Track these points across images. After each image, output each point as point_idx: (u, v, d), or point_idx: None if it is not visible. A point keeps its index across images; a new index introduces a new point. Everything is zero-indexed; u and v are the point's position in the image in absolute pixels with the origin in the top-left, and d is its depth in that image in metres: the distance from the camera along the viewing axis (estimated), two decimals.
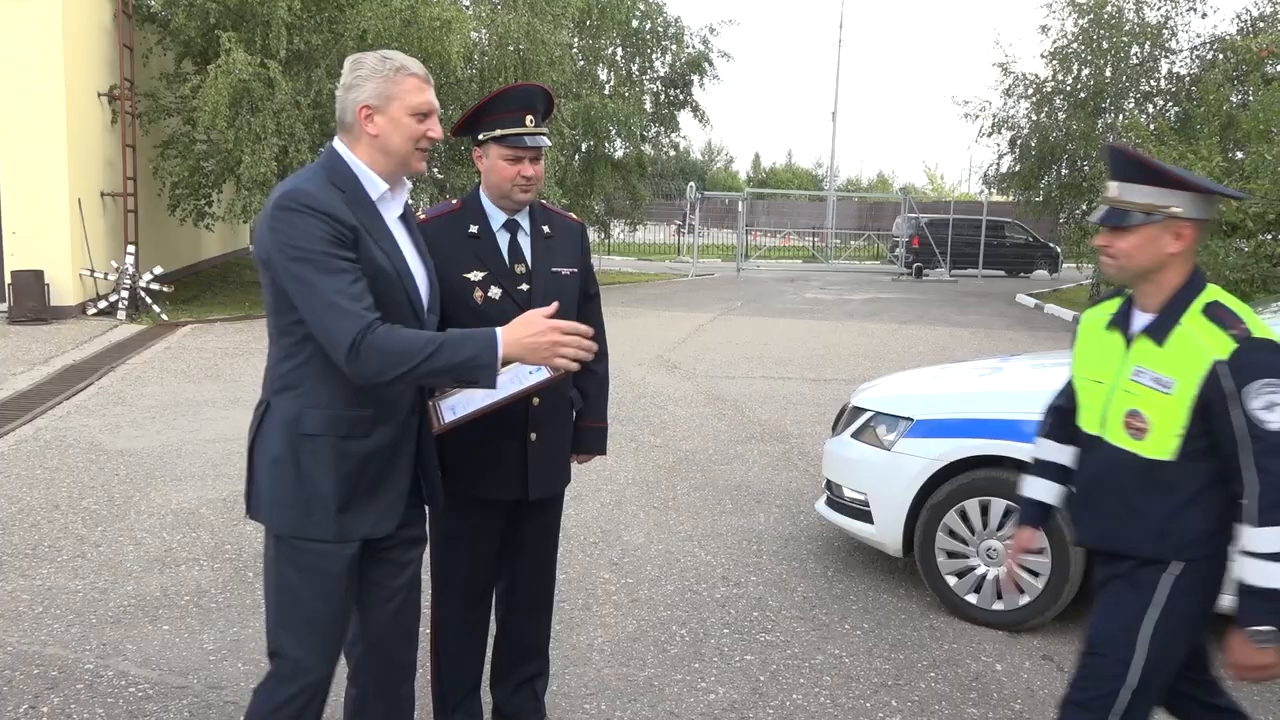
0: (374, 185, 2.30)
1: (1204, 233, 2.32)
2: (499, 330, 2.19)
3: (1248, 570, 2.21)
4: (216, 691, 3.55)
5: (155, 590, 4.42)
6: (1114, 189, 2.30)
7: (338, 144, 2.33)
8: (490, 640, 3.19)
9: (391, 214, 2.36)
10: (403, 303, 2.30)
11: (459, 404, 2.60)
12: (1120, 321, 2.39)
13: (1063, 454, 2.63)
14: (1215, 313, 2.24)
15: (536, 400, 2.82)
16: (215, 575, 4.61)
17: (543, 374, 2.47)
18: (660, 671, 3.81)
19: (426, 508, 2.62)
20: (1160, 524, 2.29)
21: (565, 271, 2.96)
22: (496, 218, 2.89)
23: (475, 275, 2.82)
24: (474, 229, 2.86)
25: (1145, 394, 2.27)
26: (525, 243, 2.92)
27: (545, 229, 2.96)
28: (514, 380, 2.49)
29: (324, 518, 2.28)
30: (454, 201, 2.98)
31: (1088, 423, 2.45)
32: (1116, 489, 2.36)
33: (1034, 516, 2.71)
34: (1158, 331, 2.28)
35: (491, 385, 2.22)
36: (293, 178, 2.30)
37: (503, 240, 2.89)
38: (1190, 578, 2.31)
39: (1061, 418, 2.63)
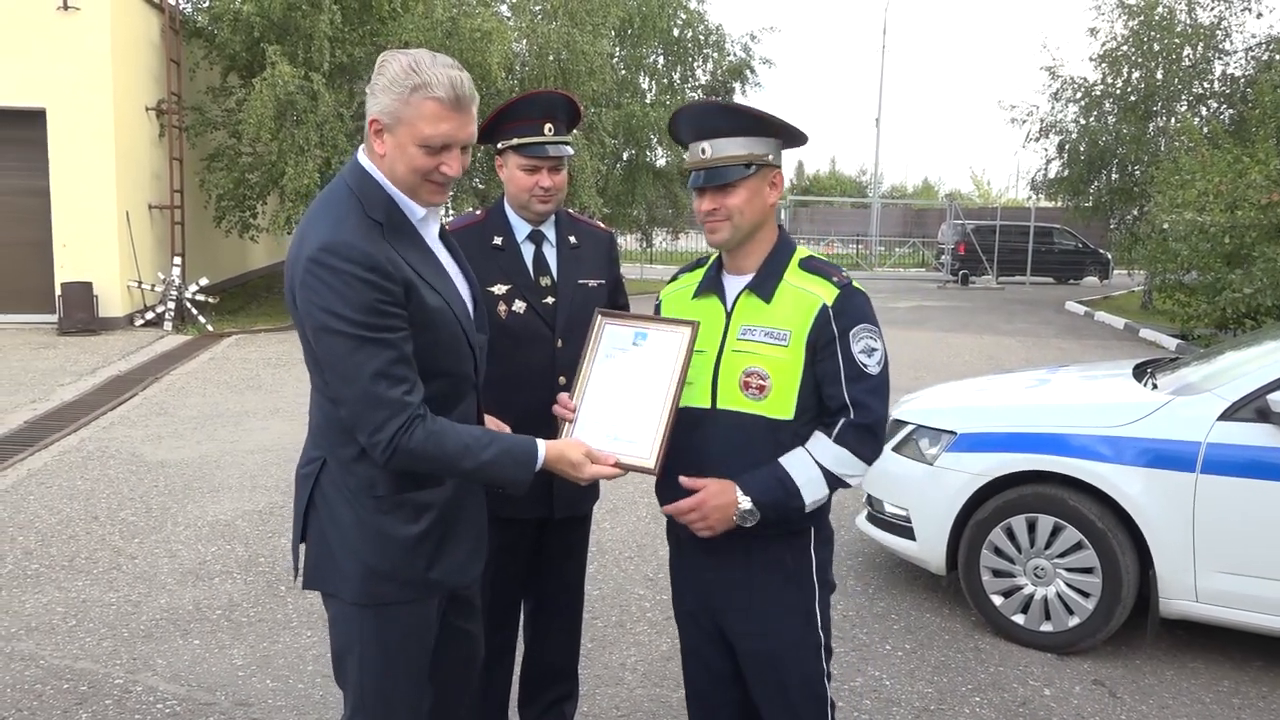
0: (411, 208, 2.03)
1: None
2: (543, 451, 2.06)
3: (795, 463, 2.18)
4: (244, 709, 3.51)
5: (188, 604, 4.40)
6: (708, 149, 2.21)
7: (363, 158, 2.04)
8: (518, 661, 3.11)
9: (432, 234, 2.11)
10: (457, 336, 2.07)
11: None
12: (712, 288, 2.32)
13: None
14: (814, 264, 2.28)
15: None
16: (248, 589, 4.58)
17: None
18: None
19: None
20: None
21: (592, 283, 2.85)
22: (520, 229, 2.81)
23: (499, 289, 2.74)
24: (498, 241, 2.78)
25: (761, 350, 2.21)
26: (550, 254, 2.83)
27: (571, 239, 2.87)
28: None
29: (415, 576, 2.08)
30: (478, 212, 2.90)
31: (695, 398, 2.26)
32: (740, 458, 2.20)
33: None
34: (761, 288, 2.25)
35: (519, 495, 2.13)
36: (324, 215, 1.97)
37: (527, 252, 2.80)
38: (820, 541, 2.32)
39: None
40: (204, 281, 13.37)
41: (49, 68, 12.08)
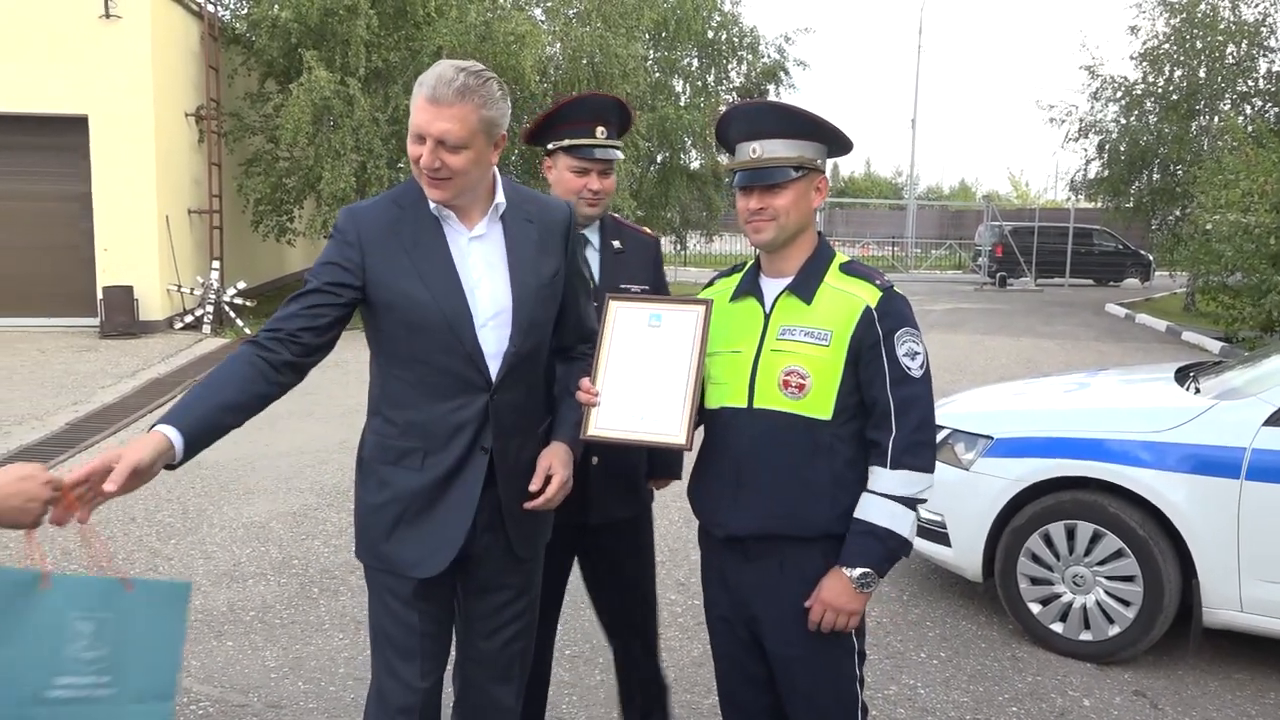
0: (429, 201, 2.17)
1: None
2: (162, 431, 1.90)
3: (871, 508, 2.19)
4: (275, 710, 3.53)
5: (222, 605, 4.44)
6: (759, 148, 2.23)
7: None
8: (563, 669, 3.08)
9: (463, 232, 2.19)
10: (437, 327, 2.13)
11: (605, 418, 2.28)
12: (750, 290, 2.34)
13: None
14: (855, 268, 2.30)
15: None
16: (281, 590, 4.61)
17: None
18: None
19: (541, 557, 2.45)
20: (829, 490, 2.22)
21: (635, 289, 2.77)
22: None
23: None
24: None
25: (801, 349, 2.22)
26: (593, 259, 2.80)
27: (615, 244, 2.83)
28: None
29: (370, 543, 2.26)
30: None
31: (730, 397, 2.29)
32: (778, 458, 2.22)
33: None
34: (802, 289, 2.27)
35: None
36: None
37: None
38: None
39: None
40: (242, 285, 13.52)
41: (91, 75, 12.28)
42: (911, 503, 2.20)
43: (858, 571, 2.17)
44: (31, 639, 1.70)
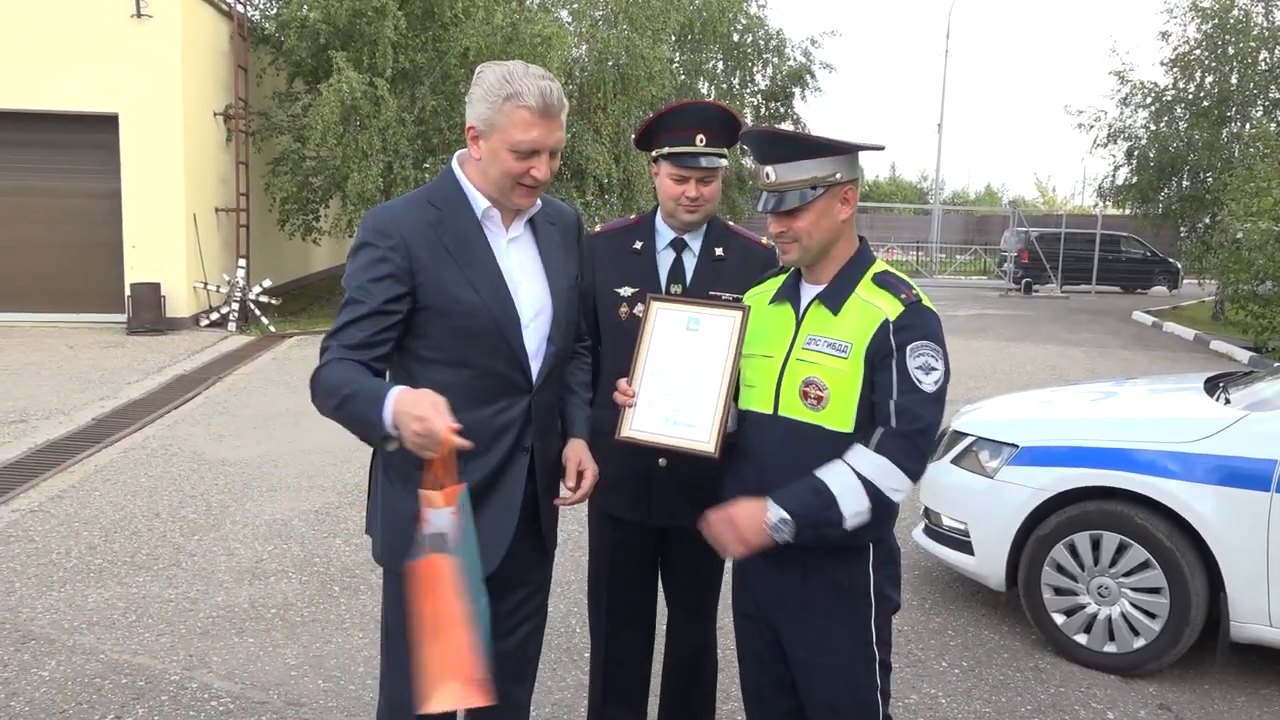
0: (477, 202, 2.17)
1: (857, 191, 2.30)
2: (391, 396, 1.94)
3: (832, 472, 2.12)
4: (295, 708, 3.54)
5: (244, 602, 4.46)
6: (772, 173, 2.22)
7: (458, 155, 2.23)
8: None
9: (502, 235, 2.22)
10: (486, 332, 2.14)
11: (639, 420, 2.35)
12: (789, 294, 2.33)
13: None
14: (887, 279, 2.26)
15: None
16: (302, 588, 4.63)
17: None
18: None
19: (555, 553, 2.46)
20: None
21: (727, 297, 2.71)
22: (664, 236, 2.79)
23: (625, 291, 2.75)
24: (637, 245, 2.80)
25: (822, 361, 2.21)
26: (690, 263, 2.79)
27: (718, 251, 2.79)
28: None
29: (405, 550, 2.15)
30: (632, 216, 2.94)
31: (758, 401, 2.29)
32: (799, 467, 2.17)
33: None
34: (832, 299, 2.25)
35: (383, 448, 2.03)
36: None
37: (666, 259, 2.78)
38: (881, 559, 2.27)
39: None
40: (267, 283, 13.62)
41: (122, 74, 12.41)
42: (874, 492, 2.10)
43: (777, 515, 2.09)
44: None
